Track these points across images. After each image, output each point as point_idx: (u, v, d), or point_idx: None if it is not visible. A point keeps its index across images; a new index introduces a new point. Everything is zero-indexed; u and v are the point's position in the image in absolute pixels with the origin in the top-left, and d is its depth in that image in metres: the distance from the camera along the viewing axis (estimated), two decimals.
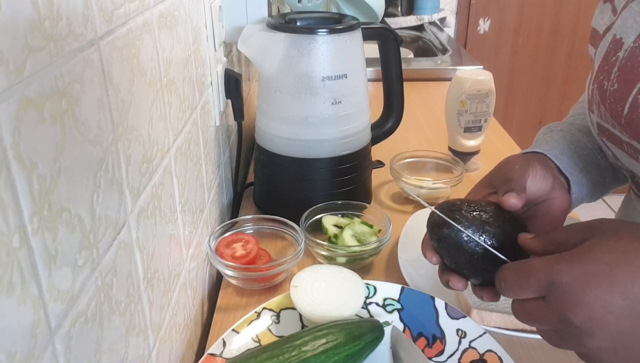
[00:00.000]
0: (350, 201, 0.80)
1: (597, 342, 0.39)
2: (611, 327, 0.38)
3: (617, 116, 0.54)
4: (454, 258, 0.49)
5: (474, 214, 0.48)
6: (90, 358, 0.36)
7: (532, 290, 0.41)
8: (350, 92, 0.78)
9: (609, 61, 0.55)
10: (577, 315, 0.38)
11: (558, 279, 0.40)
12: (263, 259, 0.74)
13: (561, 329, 0.40)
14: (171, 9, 0.55)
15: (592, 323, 0.38)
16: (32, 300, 0.29)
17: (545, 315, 0.41)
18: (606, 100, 0.55)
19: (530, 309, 0.42)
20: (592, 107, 0.58)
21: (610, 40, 0.56)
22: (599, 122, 0.57)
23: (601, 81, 0.56)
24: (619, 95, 0.53)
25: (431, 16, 2.07)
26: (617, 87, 0.54)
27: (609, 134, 0.56)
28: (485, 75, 1.02)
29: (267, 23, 0.78)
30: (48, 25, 0.30)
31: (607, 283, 0.38)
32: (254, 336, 0.59)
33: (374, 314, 0.63)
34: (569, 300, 0.39)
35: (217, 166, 0.80)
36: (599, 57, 0.58)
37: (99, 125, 0.37)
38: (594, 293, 0.38)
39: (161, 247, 0.51)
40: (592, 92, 0.58)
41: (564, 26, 2.59)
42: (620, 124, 0.54)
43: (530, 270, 0.42)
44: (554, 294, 0.40)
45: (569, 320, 0.39)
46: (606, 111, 0.55)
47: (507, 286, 0.43)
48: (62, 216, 0.32)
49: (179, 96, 0.58)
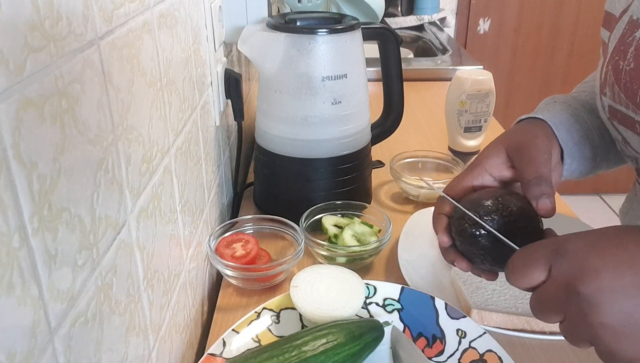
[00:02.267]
0: (350, 201, 0.80)
1: (603, 316, 0.36)
2: (619, 296, 0.36)
3: (632, 95, 0.54)
4: (468, 247, 0.50)
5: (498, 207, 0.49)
6: (90, 358, 0.36)
7: (538, 263, 0.40)
8: (350, 92, 0.78)
9: (625, 42, 0.56)
10: (583, 283, 0.37)
11: (564, 246, 0.38)
12: (263, 259, 0.74)
13: (568, 306, 0.38)
14: (171, 9, 0.55)
15: (599, 291, 0.36)
16: (32, 300, 0.29)
17: (553, 291, 0.39)
18: (621, 80, 0.55)
19: (539, 293, 0.40)
20: (605, 90, 0.58)
21: (627, 21, 0.57)
22: (611, 104, 0.58)
23: (616, 61, 0.56)
24: (635, 74, 0.54)
25: (431, 16, 2.07)
26: (634, 66, 0.54)
27: (621, 116, 0.57)
28: (485, 75, 1.02)
29: (267, 23, 0.78)
30: (48, 25, 0.30)
31: (615, 249, 0.37)
32: (254, 336, 0.59)
33: (374, 314, 0.63)
34: (575, 267, 0.37)
35: (217, 166, 0.80)
36: (614, 39, 0.58)
37: (99, 125, 0.37)
38: (601, 258, 0.37)
39: (161, 247, 0.51)
40: (606, 74, 0.58)
41: (564, 26, 2.59)
42: (634, 103, 0.54)
43: (536, 247, 0.41)
44: (559, 262, 0.38)
45: (576, 290, 0.37)
46: (620, 91, 0.55)
47: (512, 266, 0.42)
48: (62, 216, 0.32)
49: (179, 96, 0.58)
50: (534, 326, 0.61)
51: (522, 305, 0.64)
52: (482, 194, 0.52)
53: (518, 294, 0.66)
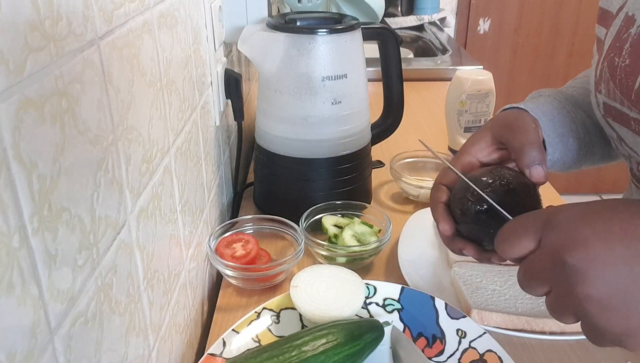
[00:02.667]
0: (350, 201, 0.80)
1: (589, 288, 0.35)
2: (608, 268, 0.35)
3: (627, 91, 0.54)
4: (474, 226, 0.49)
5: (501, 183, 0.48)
6: (90, 358, 0.36)
7: (527, 233, 0.39)
8: (350, 92, 0.78)
9: (620, 38, 0.56)
10: (572, 252, 0.36)
11: (555, 216, 0.38)
12: (263, 259, 0.74)
13: (555, 277, 0.37)
14: (171, 9, 0.55)
15: (587, 262, 0.35)
16: (32, 300, 0.29)
17: (540, 261, 0.38)
18: (616, 76, 0.55)
19: (527, 263, 0.40)
20: (600, 87, 0.58)
21: (623, 18, 0.57)
22: (605, 101, 0.58)
23: (612, 57, 0.56)
24: (630, 70, 0.54)
25: (431, 16, 2.07)
26: (629, 63, 0.54)
27: (615, 113, 0.57)
28: (485, 75, 1.02)
29: (267, 23, 0.78)
30: (48, 25, 0.30)
31: (607, 220, 0.36)
32: (254, 336, 0.59)
33: (374, 314, 0.63)
34: (565, 236, 0.36)
35: (217, 166, 0.80)
36: (610, 36, 0.59)
37: (99, 125, 0.37)
38: (591, 228, 0.36)
39: (161, 247, 0.51)
40: (601, 71, 0.58)
41: (564, 26, 2.59)
42: (629, 99, 0.54)
43: (527, 217, 0.40)
44: (549, 232, 0.38)
45: (563, 260, 0.36)
46: (615, 87, 0.55)
47: (503, 236, 0.41)
48: (62, 216, 0.32)
49: (179, 96, 0.58)
50: (534, 326, 0.61)
51: (522, 305, 0.64)
52: (476, 173, 0.51)
53: (518, 294, 0.66)
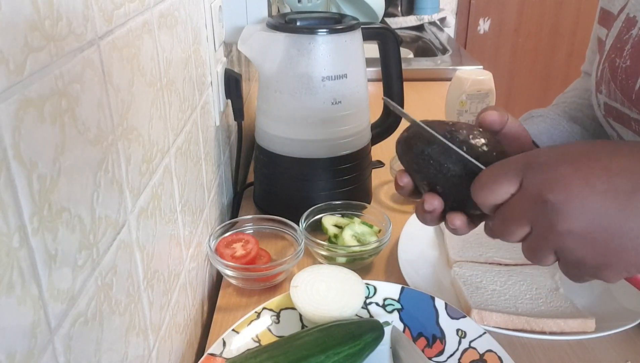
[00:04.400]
0: (350, 201, 0.80)
1: (571, 224, 0.36)
2: (589, 204, 0.35)
3: (627, 92, 0.54)
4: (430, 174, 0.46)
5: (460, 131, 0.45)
6: (90, 358, 0.36)
7: (508, 177, 0.38)
8: (350, 92, 0.78)
9: (621, 39, 0.56)
10: (553, 191, 0.36)
11: (535, 159, 0.37)
12: (263, 259, 0.74)
13: (535, 217, 0.37)
14: (171, 9, 0.55)
15: (568, 199, 0.35)
16: (32, 300, 0.29)
17: (520, 203, 0.38)
18: (617, 77, 0.55)
19: (507, 207, 0.39)
20: (601, 88, 0.59)
21: (624, 19, 0.57)
22: (606, 102, 0.58)
23: (613, 58, 0.57)
24: (631, 71, 0.54)
25: (431, 16, 2.07)
26: (630, 64, 0.54)
27: (616, 113, 0.57)
28: (485, 75, 1.02)
29: (267, 23, 0.78)
30: (48, 25, 0.30)
31: (585, 158, 0.36)
32: (254, 336, 0.59)
33: (374, 314, 0.63)
34: (545, 177, 0.36)
35: (217, 166, 0.80)
36: (611, 37, 0.59)
37: (99, 125, 0.37)
38: (572, 167, 0.36)
39: (161, 247, 0.51)
40: (602, 72, 0.58)
41: (564, 26, 2.59)
42: (630, 100, 0.54)
43: (506, 162, 0.40)
44: (530, 174, 0.37)
45: (545, 198, 0.36)
46: (616, 88, 0.56)
47: (480, 182, 0.40)
48: (62, 216, 0.32)
49: (179, 96, 0.58)
50: (534, 326, 0.61)
51: (522, 305, 0.64)
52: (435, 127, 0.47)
53: (518, 294, 0.66)
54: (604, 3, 0.63)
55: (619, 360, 0.59)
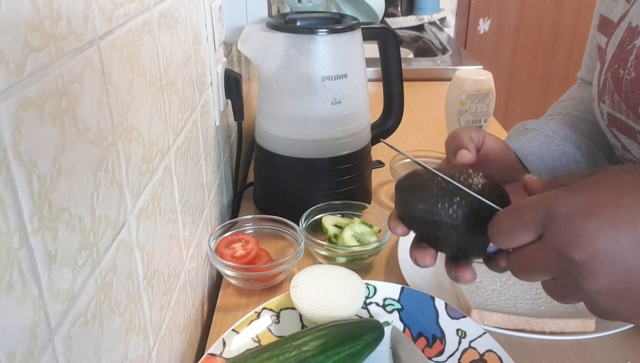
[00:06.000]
0: (350, 201, 0.80)
1: (599, 283, 0.34)
2: (617, 262, 0.33)
3: (633, 104, 0.53)
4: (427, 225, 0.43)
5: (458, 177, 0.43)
6: (90, 358, 0.36)
7: (528, 229, 0.37)
8: (350, 92, 0.78)
9: (624, 49, 0.55)
10: (578, 250, 0.34)
11: (556, 211, 0.35)
12: (263, 259, 0.74)
13: (561, 272, 0.36)
14: (171, 9, 0.55)
15: (595, 258, 0.34)
16: (32, 300, 0.29)
17: (544, 256, 0.36)
18: (622, 89, 0.54)
19: (527, 256, 0.37)
20: (604, 98, 0.57)
21: (625, 28, 0.56)
22: (610, 112, 0.57)
23: (616, 69, 0.55)
24: (636, 83, 0.52)
25: (431, 16, 2.07)
26: (635, 76, 0.53)
27: (620, 124, 0.56)
28: (485, 75, 1.02)
29: (267, 23, 0.78)
30: (48, 25, 0.30)
31: (612, 212, 0.34)
32: (254, 336, 0.59)
33: (374, 314, 0.63)
34: (569, 234, 0.34)
35: (217, 166, 0.80)
36: (612, 46, 0.57)
37: (99, 125, 0.37)
38: (597, 222, 0.34)
39: (161, 247, 0.51)
40: (605, 82, 0.57)
41: (564, 26, 2.59)
42: (635, 113, 0.53)
43: (524, 207, 0.37)
44: (552, 228, 0.35)
45: (569, 257, 0.34)
46: (620, 100, 0.54)
47: (499, 230, 0.38)
48: (62, 216, 0.32)
49: (179, 96, 0.58)
50: (534, 326, 0.61)
51: (522, 305, 0.64)
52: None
53: (518, 294, 0.66)
54: (603, 10, 0.62)
55: (619, 360, 0.59)
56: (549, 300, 0.65)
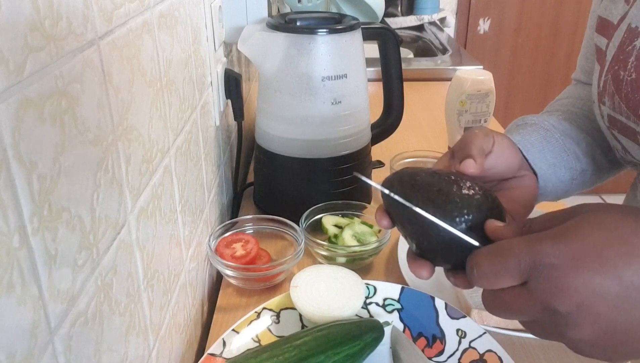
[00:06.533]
0: (350, 201, 0.80)
1: (582, 334, 0.34)
2: (601, 317, 0.34)
3: (633, 106, 0.53)
4: (418, 241, 0.43)
5: (439, 189, 0.42)
6: (90, 358, 0.36)
7: (511, 275, 0.36)
8: (350, 92, 0.78)
9: (624, 51, 0.55)
10: (563, 302, 0.34)
11: (541, 260, 0.35)
12: (263, 259, 0.74)
13: (543, 320, 0.36)
14: (171, 9, 0.55)
15: (579, 311, 0.34)
16: (32, 300, 0.29)
17: (527, 304, 0.36)
18: (622, 90, 0.54)
19: (509, 299, 0.37)
20: (604, 99, 0.57)
21: (625, 29, 0.56)
22: (610, 114, 0.57)
23: (616, 70, 0.55)
24: (636, 85, 0.52)
25: (431, 16, 2.07)
26: (635, 77, 0.53)
27: (621, 126, 0.56)
28: (485, 75, 1.02)
29: (267, 23, 0.78)
30: (48, 25, 0.30)
31: (598, 265, 0.33)
32: (254, 336, 0.59)
33: (374, 314, 0.63)
34: (554, 285, 0.34)
35: (217, 166, 0.80)
36: (612, 47, 0.57)
37: (99, 125, 0.37)
38: (583, 276, 0.33)
39: (161, 247, 0.51)
40: (605, 83, 0.57)
41: (564, 26, 2.59)
42: (636, 114, 0.53)
43: (508, 253, 0.36)
44: (537, 278, 0.35)
45: (554, 308, 0.34)
46: (621, 101, 0.54)
47: (480, 273, 0.37)
48: (62, 216, 0.32)
49: (179, 96, 0.58)
50: None
51: None
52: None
53: None
54: (602, 11, 0.62)
55: None
56: None
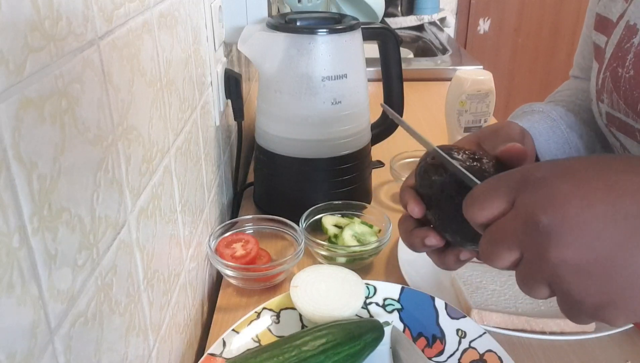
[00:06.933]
0: (350, 201, 0.80)
1: (564, 252, 0.30)
2: (586, 228, 0.30)
3: (632, 103, 0.53)
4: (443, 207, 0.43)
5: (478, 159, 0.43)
6: (90, 358, 0.36)
7: (499, 195, 0.34)
8: (350, 92, 0.78)
9: (622, 48, 0.55)
10: (547, 212, 0.31)
11: (532, 174, 0.33)
12: (263, 259, 0.74)
13: (527, 243, 0.32)
14: (171, 9, 0.55)
15: (563, 220, 0.30)
16: (32, 300, 0.29)
17: (511, 223, 0.33)
18: (620, 87, 0.54)
19: (496, 228, 0.34)
20: (602, 97, 0.57)
21: (624, 27, 0.56)
22: (609, 111, 0.57)
23: (615, 68, 0.55)
24: (635, 81, 0.53)
25: (431, 16, 2.07)
26: (634, 74, 0.53)
27: (619, 123, 0.56)
28: (485, 75, 1.02)
29: (267, 23, 0.78)
30: (48, 25, 0.30)
31: (590, 174, 0.31)
32: (254, 336, 0.59)
33: (374, 314, 0.63)
34: (541, 195, 0.31)
35: (217, 166, 0.80)
36: (611, 45, 0.58)
37: (99, 125, 0.37)
38: (571, 183, 0.31)
39: (161, 247, 0.51)
40: (604, 81, 0.57)
41: (564, 26, 2.59)
42: (635, 111, 0.53)
43: (502, 176, 0.35)
44: (524, 192, 0.32)
45: (536, 220, 0.31)
46: (619, 98, 0.54)
47: (472, 198, 0.35)
48: (62, 216, 0.32)
49: (179, 96, 0.58)
50: (534, 326, 0.61)
51: (522, 305, 0.64)
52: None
53: (518, 294, 0.66)
54: (600, 9, 0.62)
55: (619, 360, 0.59)
56: (549, 300, 0.65)
